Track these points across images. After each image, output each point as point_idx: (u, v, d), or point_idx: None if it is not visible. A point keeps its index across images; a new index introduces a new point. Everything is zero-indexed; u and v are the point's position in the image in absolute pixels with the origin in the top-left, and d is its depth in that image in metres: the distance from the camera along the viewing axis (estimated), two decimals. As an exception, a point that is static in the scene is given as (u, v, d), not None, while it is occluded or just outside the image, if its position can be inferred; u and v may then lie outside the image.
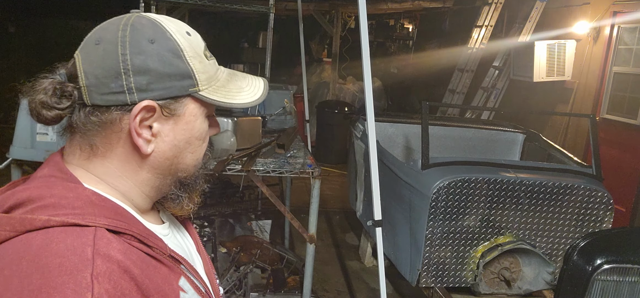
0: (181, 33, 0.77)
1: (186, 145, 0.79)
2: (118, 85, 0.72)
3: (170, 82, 0.74)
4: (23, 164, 2.81)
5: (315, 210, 2.88)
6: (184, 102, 0.77)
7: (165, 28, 0.75)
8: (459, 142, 4.64)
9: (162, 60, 0.73)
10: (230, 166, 2.68)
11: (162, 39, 0.74)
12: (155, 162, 0.78)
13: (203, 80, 0.77)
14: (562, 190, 3.09)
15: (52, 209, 0.67)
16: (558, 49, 5.82)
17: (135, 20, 0.75)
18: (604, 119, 5.36)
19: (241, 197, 4.34)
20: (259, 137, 3.11)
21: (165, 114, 0.75)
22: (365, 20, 2.52)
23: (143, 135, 0.75)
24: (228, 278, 3.28)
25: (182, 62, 0.75)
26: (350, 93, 9.10)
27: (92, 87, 0.72)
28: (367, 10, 2.55)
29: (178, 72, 0.75)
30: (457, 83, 7.34)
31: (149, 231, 0.76)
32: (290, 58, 10.91)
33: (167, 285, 0.73)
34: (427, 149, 3.16)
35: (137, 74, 0.72)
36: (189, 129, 0.78)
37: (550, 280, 3.08)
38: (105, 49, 0.72)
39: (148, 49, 0.73)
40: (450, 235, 3.05)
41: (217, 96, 0.79)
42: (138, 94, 0.72)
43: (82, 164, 0.76)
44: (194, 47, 0.77)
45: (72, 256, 0.63)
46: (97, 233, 0.67)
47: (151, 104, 0.73)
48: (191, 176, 0.83)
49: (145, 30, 0.74)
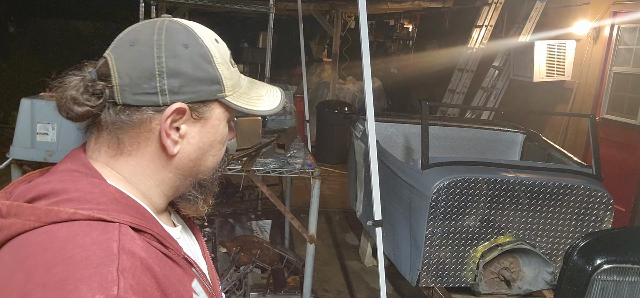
0: (211, 40, 0.79)
1: (209, 148, 0.82)
2: (152, 87, 0.74)
3: (200, 86, 0.76)
4: (23, 164, 2.81)
5: (315, 210, 2.88)
6: (212, 106, 0.79)
7: (197, 34, 0.78)
8: (459, 142, 4.64)
9: (194, 65, 0.76)
10: (230, 166, 2.68)
11: (194, 44, 0.76)
12: (179, 163, 0.80)
13: (229, 86, 0.80)
14: (562, 190, 3.09)
15: (77, 203, 0.68)
16: (558, 49, 5.82)
17: (169, 24, 0.77)
18: (604, 119, 5.36)
19: (241, 197, 4.34)
20: (259, 137, 3.11)
21: (194, 117, 0.78)
22: (365, 20, 2.52)
23: (171, 136, 0.76)
24: (228, 278, 3.28)
25: (211, 68, 0.77)
26: (350, 93, 9.10)
27: (126, 86, 0.74)
28: (367, 10, 2.55)
29: (208, 77, 0.77)
30: (457, 83, 7.34)
31: (166, 232, 0.78)
32: (290, 58, 10.92)
33: (182, 286, 0.74)
34: (427, 149, 3.16)
35: (170, 77, 0.74)
36: (214, 132, 0.81)
37: (550, 280, 3.08)
38: (140, 51, 0.74)
39: (182, 53, 0.75)
40: (450, 235, 3.05)
41: (241, 102, 0.82)
42: (170, 96, 0.74)
43: (107, 162, 0.77)
44: (222, 54, 0.80)
45: (98, 250, 0.64)
46: (121, 229, 0.68)
47: (182, 107, 0.75)
48: (210, 178, 0.86)
49: (179, 35, 0.76)
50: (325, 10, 8.42)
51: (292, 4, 7.25)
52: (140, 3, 4.58)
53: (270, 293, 3.24)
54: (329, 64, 9.30)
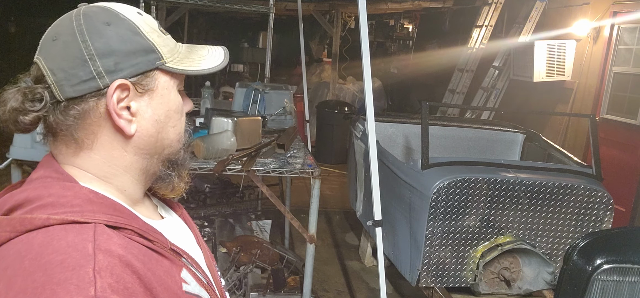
0: (133, 13, 0.78)
1: (166, 119, 0.80)
2: (87, 72, 0.72)
3: (135, 58, 0.75)
4: (23, 164, 2.81)
5: (315, 210, 2.88)
6: (154, 76, 0.78)
7: (116, 11, 0.77)
8: (459, 142, 4.64)
9: (122, 40, 0.74)
10: (230, 166, 2.67)
11: (116, 20, 0.75)
12: (140, 142, 0.78)
13: (166, 53, 0.79)
14: (562, 190, 3.09)
15: (51, 208, 0.68)
16: (558, 49, 5.81)
17: (86, 9, 0.76)
18: (604, 119, 5.36)
19: (241, 197, 4.34)
20: (259, 137, 3.11)
21: (139, 91, 0.76)
22: (365, 20, 2.52)
23: (123, 116, 0.75)
24: (228, 278, 3.28)
25: (141, 38, 0.76)
26: (350, 93, 9.10)
27: (62, 81, 0.72)
28: (367, 10, 2.55)
29: (141, 48, 0.76)
30: (457, 83, 7.34)
31: (148, 225, 0.77)
32: (290, 58, 10.93)
33: (170, 278, 0.74)
34: (427, 149, 3.16)
35: (102, 57, 0.73)
36: (165, 102, 0.80)
37: (550, 280, 3.08)
38: (64, 42, 0.73)
39: (106, 32, 0.74)
40: (450, 235, 3.05)
41: (183, 65, 0.81)
42: (108, 76, 0.73)
43: (71, 161, 0.77)
44: (149, 23, 0.79)
45: (73, 252, 0.63)
46: (96, 229, 0.67)
47: (124, 82, 0.74)
48: (177, 152, 0.84)
49: (98, 15, 0.75)
50: (325, 10, 8.42)
51: (292, 4, 7.26)
52: (140, 3, 4.58)
53: (270, 293, 3.24)
54: (329, 64, 9.29)
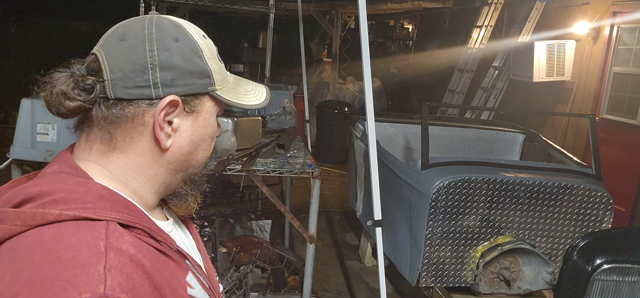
0: (199, 35, 0.81)
1: (201, 141, 0.82)
2: (144, 80, 0.74)
3: (192, 79, 0.77)
4: (23, 164, 2.81)
5: (315, 210, 2.88)
6: (203, 100, 0.80)
7: (186, 29, 0.79)
8: (459, 142, 4.64)
9: (185, 58, 0.77)
10: (230, 166, 2.67)
11: (185, 39, 0.78)
12: (171, 157, 0.80)
13: (218, 81, 0.81)
14: (562, 190, 3.09)
15: (63, 204, 0.68)
16: (558, 49, 5.82)
17: (159, 20, 0.78)
18: (603, 119, 5.36)
19: (241, 197, 4.34)
20: (259, 137, 3.11)
21: (186, 110, 0.78)
22: (365, 20, 2.52)
23: (165, 129, 0.77)
24: (228, 278, 3.28)
25: (202, 62, 0.78)
26: (350, 93, 9.10)
27: (118, 80, 0.74)
28: (367, 10, 2.55)
29: (199, 70, 0.78)
30: (457, 83, 7.34)
31: (157, 226, 0.77)
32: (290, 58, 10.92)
33: (176, 280, 0.74)
34: (427, 149, 3.16)
35: (163, 70, 0.75)
36: (205, 125, 0.82)
37: (550, 280, 3.08)
38: (131, 45, 0.74)
39: (173, 47, 0.76)
40: (450, 235, 3.05)
41: (230, 96, 0.83)
42: (163, 89, 0.75)
43: (99, 160, 0.77)
44: (211, 49, 0.82)
45: (84, 249, 0.63)
46: (108, 227, 0.67)
47: (176, 99, 0.76)
48: (199, 173, 0.87)
49: (169, 29, 0.77)
50: (325, 10, 8.42)
51: (292, 4, 7.25)
52: (141, 3, 4.58)
53: (270, 293, 3.24)
54: (329, 64, 9.29)
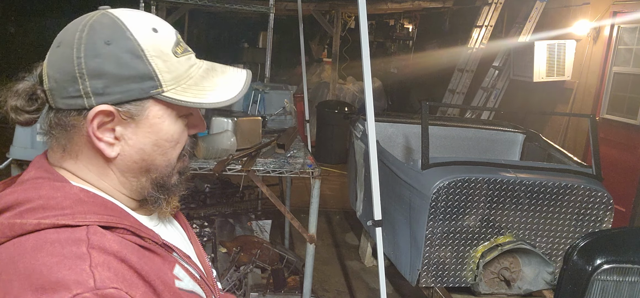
0: (145, 31, 0.73)
1: (154, 147, 0.76)
2: (75, 90, 0.70)
3: (128, 85, 0.71)
4: (23, 164, 2.81)
5: (315, 210, 2.88)
6: (146, 105, 0.73)
7: (126, 27, 0.72)
8: (459, 142, 4.63)
9: (118, 63, 0.70)
10: (230, 166, 2.67)
11: (120, 40, 0.71)
12: (122, 165, 0.76)
13: (168, 80, 0.74)
14: (562, 190, 3.09)
15: (41, 211, 0.67)
16: (558, 49, 5.81)
17: (96, 20, 0.72)
18: (604, 119, 5.36)
19: (241, 197, 4.34)
20: (259, 137, 3.11)
21: (123, 118, 0.72)
22: (365, 20, 2.51)
23: (104, 139, 0.73)
24: (228, 278, 3.28)
25: (141, 63, 0.71)
26: (350, 93, 9.10)
27: (54, 91, 0.72)
28: (367, 10, 2.54)
29: (137, 74, 0.71)
30: (457, 83, 7.34)
31: (139, 223, 0.76)
32: (290, 58, 10.91)
33: (163, 274, 0.73)
34: (427, 149, 3.16)
35: (92, 78, 0.70)
36: (155, 131, 0.75)
37: (550, 280, 3.08)
38: (63, 53, 0.71)
39: (103, 52, 0.70)
40: (450, 235, 3.05)
41: (186, 96, 0.75)
42: (95, 98, 0.70)
43: (61, 163, 0.76)
44: (159, 45, 0.73)
45: (67, 254, 0.63)
46: (89, 230, 0.67)
47: (107, 109, 0.71)
48: (166, 176, 0.80)
49: (103, 30, 0.71)
50: (325, 10, 8.42)
51: (292, 4, 7.25)
52: (140, 3, 4.58)
53: (270, 293, 3.24)
54: (329, 64, 9.29)
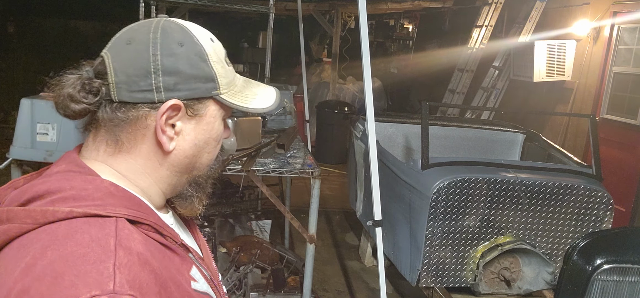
0: (206, 39, 0.81)
1: (205, 144, 0.83)
2: (147, 84, 0.75)
3: (195, 83, 0.78)
4: (23, 164, 2.81)
5: (315, 210, 2.88)
6: (207, 104, 0.81)
7: (192, 33, 0.80)
8: (459, 142, 4.64)
9: (189, 63, 0.77)
10: (230, 166, 2.67)
11: (190, 43, 0.78)
12: (175, 159, 0.81)
13: (224, 84, 0.82)
14: (562, 190, 3.09)
15: (73, 201, 0.70)
16: (558, 49, 5.81)
17: (165, 23, 0.79)
18: (604, 119, 5.36)
19: (241, 197, 4.34)
20: (259, 137, 3.11)
21: (189, 114, 0.79)
22: (365, 20, 2.52)
23: (167, 132, 0.78)
24: (228, 278, 3.28)
25: (206, 66, 0.79)
26: (350, 93, 9.10)
27: (122, 84, 0.75)
28: (367, 10, 2.55)
29: (203, 74, 0.79)
30: (457, 83, 7.34)
31: (163, 221, 0.79)
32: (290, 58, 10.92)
33: (180, 275, 0.76)
34: (427, 149, 3.16)
35: (166, 74, 0.76)
36: (209, 129, 0.83)
37: (550, 280, 3.08)
38: (136, 49, 0.76)
39: (177, 52, 0.77)
40: (450, 235, 3.05)
41: (236, 100, 0.84)
42: (165, 93, 0.76)
43: (106, 160, 0.79)
44: (217, 53, 0.82)
45: (96, 247, 0.65)
46: (118, 224, 0.69)
47: (178, 103, 0.77)
48: (204, 175, 0.88)
49: (175, 33, 0.78)
50: (325, 10, 8.42)
51: (292, 4, 7.25)
52: (140, 3, 4.58)
53: (270, 293, 3.24)
54: (329, 64, 9.29)
